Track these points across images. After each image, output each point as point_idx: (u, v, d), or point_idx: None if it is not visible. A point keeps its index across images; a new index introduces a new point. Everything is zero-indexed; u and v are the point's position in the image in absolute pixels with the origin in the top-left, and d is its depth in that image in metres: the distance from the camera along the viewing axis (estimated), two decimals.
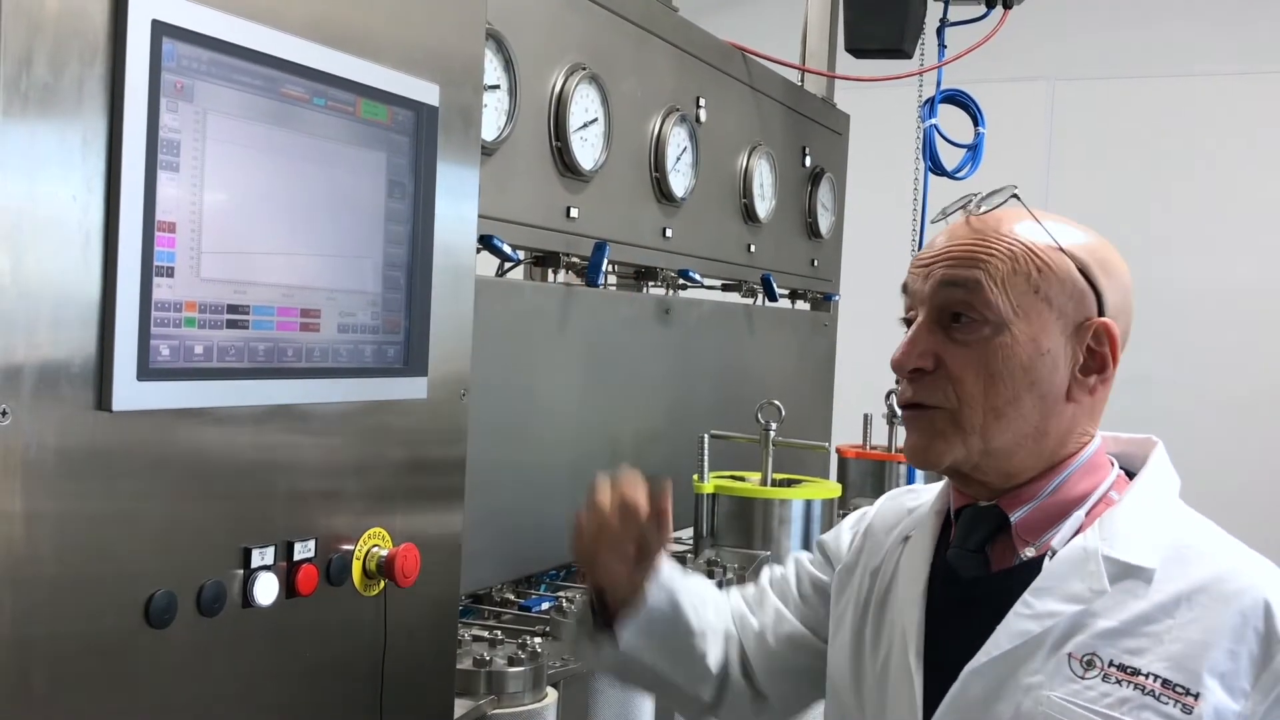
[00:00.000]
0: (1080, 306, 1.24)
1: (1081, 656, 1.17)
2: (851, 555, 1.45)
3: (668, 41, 2.51)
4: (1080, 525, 1.24)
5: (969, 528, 1.30)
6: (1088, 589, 1.19)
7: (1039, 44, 5.29)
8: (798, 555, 1.57)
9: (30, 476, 1.00)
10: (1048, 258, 1.24)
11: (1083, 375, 1.25)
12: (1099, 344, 1.24)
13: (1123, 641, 1.16)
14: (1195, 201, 5.33)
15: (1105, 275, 1.26)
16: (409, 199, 1.36)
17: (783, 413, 2.54)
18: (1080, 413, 1.26)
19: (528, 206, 2.08)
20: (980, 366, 1.23)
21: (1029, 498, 1.26)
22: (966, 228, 1.28)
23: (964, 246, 1.26)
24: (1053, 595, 1.20)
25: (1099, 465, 1.29)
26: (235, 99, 1.14)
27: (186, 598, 1.13)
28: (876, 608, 1.36)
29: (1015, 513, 1.26)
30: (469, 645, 1.73)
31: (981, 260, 1.24)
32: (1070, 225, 1.29)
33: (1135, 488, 1.27)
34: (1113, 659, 1.16)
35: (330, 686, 1.32)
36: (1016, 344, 1.22)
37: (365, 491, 1.33)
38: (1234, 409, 5.23)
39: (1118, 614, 1.18)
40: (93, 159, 1.02)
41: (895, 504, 1.47)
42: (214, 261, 1.13)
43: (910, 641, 1.27)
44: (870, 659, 1.34)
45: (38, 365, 0.99)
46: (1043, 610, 1.19)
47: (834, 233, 3.45)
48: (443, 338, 1.42)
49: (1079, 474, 1.27)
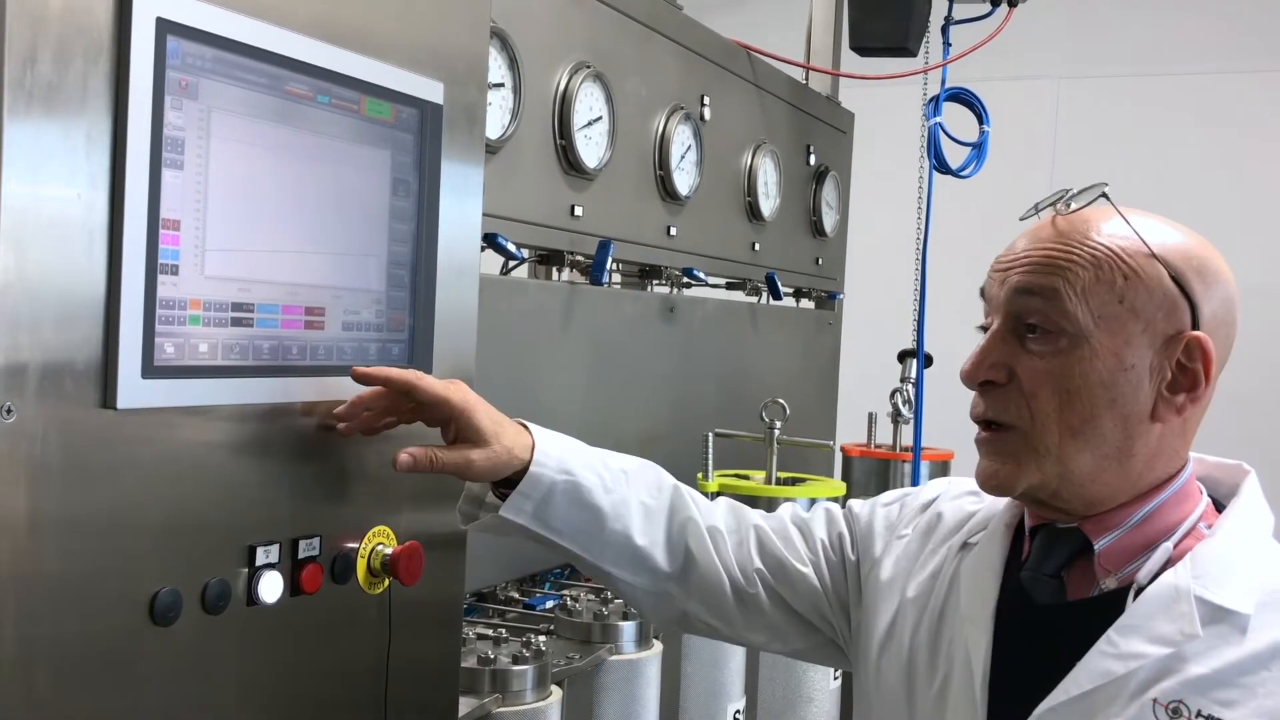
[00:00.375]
0: (1171, 318, 1.15)
1: (1168, 704, 1.09)
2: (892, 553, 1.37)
3: (672, 39, 2.51)
4: (1168, 559, 1.16)
5: (1046, 550, 1.21)
6: (1178, 631, 1.11)
7: (1044, 42, 5.27)
8: (829, 507, 1.49)
9: (35, 474, 0.99)
10: (1136, 264, 1.15)
11: (1170, 393, 1.15)
12: (1190, 359, 1.15)
13: (1214, 692, 1.09)
14: (1201, 200, 5.32)
15: (1202, 284, 1.16)
16: (413, 197, 1.36)
17: (787, 411, 2.54)
18: (1169, 434, 1.17)
19: (532, 205, 2.08)
20: (1056, 381, 1.14)
21: (1115, 525, 1.18)
22: (1050, 229, 1.19)
23: (1044, 251, 1.17)
24: (1140, 635, 1.12)
25: (1190, 494, 1.20)
26: (239, 97, 1.14)
27: (191, 596, 1.13)
28: (933, 620, 1.28)
29: (1100, 539, 1.18)
30: (473, 643, 1.74)
31: (1061, 266, 1.15)
32: (1168, 227, 1.19)
33: (1228, 522, 1.18)
34: (1201, 709, 1.09)
35: (335, 684, 1.32)
36: (1096, 358, 1.14)
37: (369, 490, 1.33)
38: (1237, 406, 5.22)
39: (1209, 661, 1.10)
40: (97, 156, 1.02)
41: (956, 505, 1.38)
42: (218, 259, 1.13)
43: (976, 668, 1.20)
44: (925, 678, 1.26)
45: (42, 363, 0.99)
46: (1128, 651, 1.11)
47: (838, 231, 3.45)
48: (447, 336, 1.42)
49: (1170, 503, 1.18)
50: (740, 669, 2.23)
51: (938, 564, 1.32)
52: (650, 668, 1.95)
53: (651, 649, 1.97)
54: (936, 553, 1.33)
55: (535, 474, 1.35)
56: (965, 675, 1.21)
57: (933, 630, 1.28)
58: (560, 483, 1.36)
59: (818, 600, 1.43)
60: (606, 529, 1.40)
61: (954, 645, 1.24)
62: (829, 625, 1.45)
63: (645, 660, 1.94)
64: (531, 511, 1.36)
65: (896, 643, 1.31)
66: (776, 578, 1.44)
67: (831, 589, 1.43)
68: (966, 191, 3.55)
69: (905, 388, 3.27)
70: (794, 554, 1.44)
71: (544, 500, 1.36)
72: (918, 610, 1.31)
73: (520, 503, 1.35)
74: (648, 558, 1.42)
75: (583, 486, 1.38)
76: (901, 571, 1.35)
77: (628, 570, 1.43)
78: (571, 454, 1.39)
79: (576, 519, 1.38)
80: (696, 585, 1.44)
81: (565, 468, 1.37)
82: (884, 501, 1.45)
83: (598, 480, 1.39)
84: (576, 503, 1.38)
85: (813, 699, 2.42)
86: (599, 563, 1.42)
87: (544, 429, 1.40)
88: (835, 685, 2.47)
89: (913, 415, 3.18)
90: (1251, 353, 6.15)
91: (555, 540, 1.39)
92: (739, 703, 2.23)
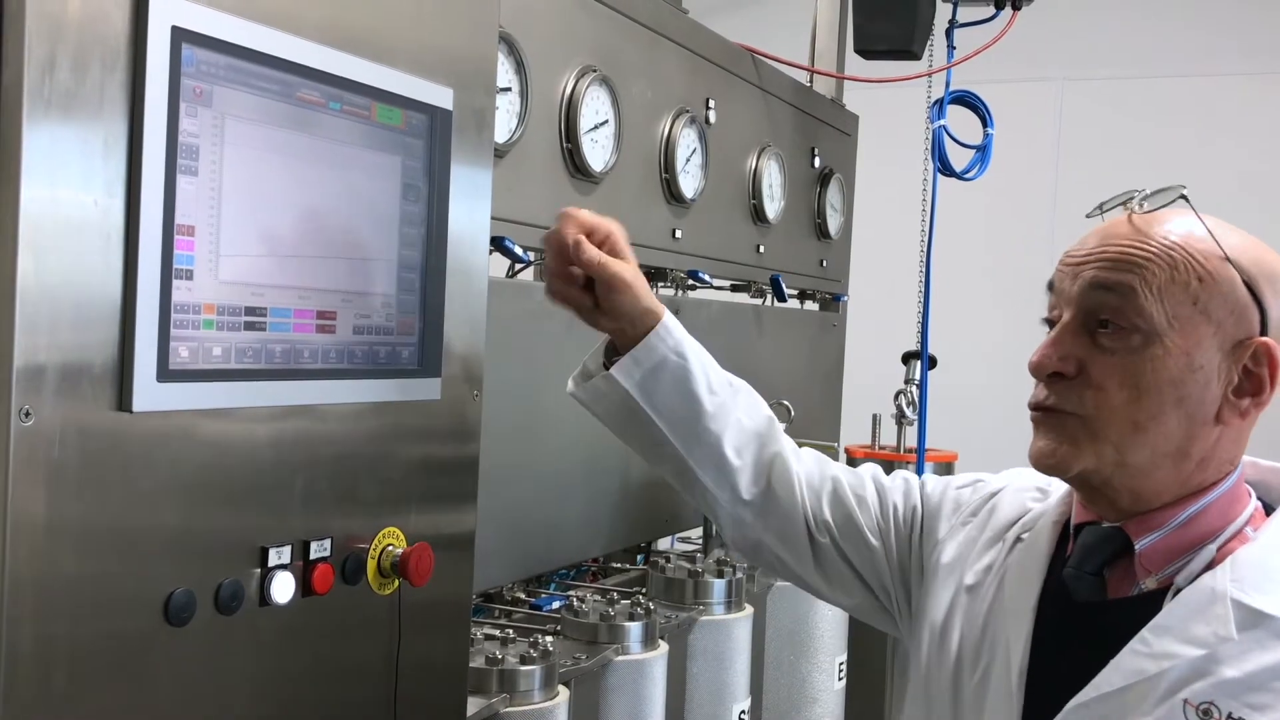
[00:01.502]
0: (1241, 323, 1.16)
1: (1199, 705, 1.10)
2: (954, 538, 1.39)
3: (677, 43, 2.52)
4: (1210, 561, 1.16)
5: (1089, 548, 1.22)
6: (1212, 633, 1.11)
7: (1048, 45, 5.28)
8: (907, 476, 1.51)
9: (52, 476, 1.01)
10: (1211, 267, 1.15)
11: (1235, 397, 1.16)
12: (1257, 364, 1.16)
13: (1246, 695, 1.09)
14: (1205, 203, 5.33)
15: (1273, 290, 1.17)
16: (423, 201, 1.37)
17: (792, 413, 2.55)
18: (1227, 437, 1.18)
19: (539, 208, 2.09)
20: (1126, 377, 1.15)
21: (1158, 525, 1.18)
22: (1126, 226, 1.19)
23: (1120, 248, 1.17)
24: (1173, 635, 1.12)
25: (1238, 496, 1.21)
26: (253, 104, 1.16)
27: (205, 596, 1.14)
28: (981, 613, 1.30)
29: (1141, 540, 1.19)
30: (481, 644, 1.75)
31: (1138, 265, 1.16)
32: (1239, 234, 1.21)
33: (1273, 526, 1.18)
34: (1232, 712, 1.09)
35: (345, 684, 1.33)
36: (1168, 356, 1.14)
37: (380, 491, 1.34)
38: None
39: (1242, 664, 1.10)
40: (114, 163, 1.04)
41: (1019, 499, 1.39)
42: (232, 264, 1.15)
43: (1014, 662, 1.21)
44: (970, 666, 1.28)
45: (59, 366, 1.01)
46: (1161, 651, 1.12)
47: (843, 233, 3.46)
48: (456, 339, 1.44)
49: (1217, 505, 1.19)
50: (745, 669, 2.24)
51: (993, 556, 1.33)
52: (656, 668, 1.96)
53: (658, 649, 1.98)
54: (994, 544, 1.35)
55: (651, 342, 1.40)
56: (1004, 668, 1.23)
57: (981, 621, 1.29)
58: (672, 361, 1.41)
59: (879, 566, 1.45)
60: (701, 425, 1.43)
61: (996, 638, 1.26)
62: (888, 595, 1.47)
63: (651, 661, 1.95)
64: (639, 379, 1.41)
65: (950, 630, 1.33)
66: (844, 533, 1.46)
67: (896, 559, 1.45)
68: (970, 194, 3.56)
69: (909, 389, 3.28)
70: (866, 516, 1.46)
71: (653, 372, 1.41)
72: (971, 600, 1.32)
73: (630, 367, 1.41)
74: (734, 473, 1.45)
75: (692, 374, 1.42)
76: (961, 558, 1.37)
77: (711, 477, 1.46)
78: (690, 344, 1.44)
79: (677, 404, 1.42)
80: (775, 519, 1.47)
81: (681, 351, 1.42)
82: (957, 484, 1.47)
83: (704, 378, 1.44)
84: (681, 387, 1.42)
85: (817, 699, 2.43)
86: (688, 456, 1.44)
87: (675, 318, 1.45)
88: (840, 686, 2.49)
89: (917, 417, 3.19)
90: None
91: (653, 418, 1.42)
92: (744, 703, 2.24)
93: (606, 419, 1.47)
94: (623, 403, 1.42)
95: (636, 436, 1.47)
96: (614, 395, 1.42)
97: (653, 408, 1.41)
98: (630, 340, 1.42)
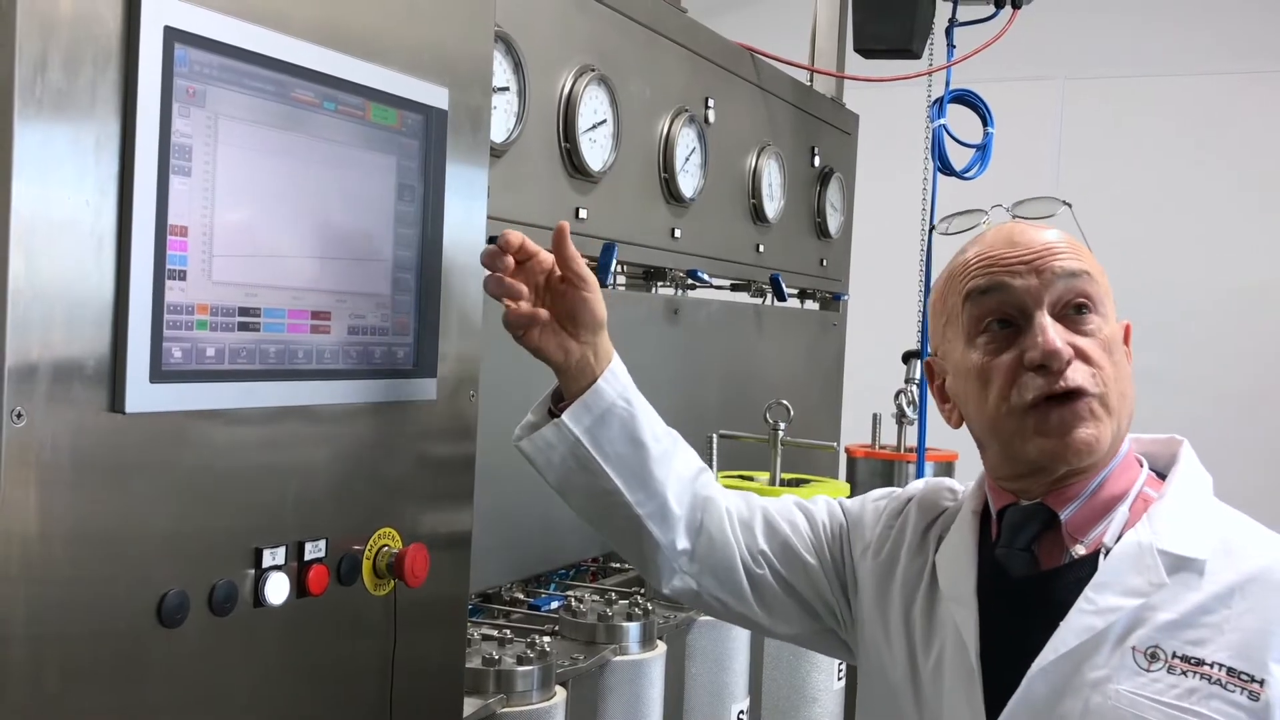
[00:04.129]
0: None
1: (1145, 650, 1.19)
2: (881, 543, 1.45)
3: (676, 42, 2.52)
4: (1126, 521, 1.26)
5: (1016, 527, 1.30)
6: (1146, 582, 1.21)
7: (1048, 43, 5.28)
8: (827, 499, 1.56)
9: (44, 477, 1.01)
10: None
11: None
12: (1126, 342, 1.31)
13: (1184, 633, 1.19)
14: (1205, 200, 5.32)
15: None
16: (418, 202, 1.37)
17: (791, 412, 2.54)
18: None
19: (537, 207, 2.09)
20: (1105, 352, 1.26)
21: (1074, 495, 1.28)
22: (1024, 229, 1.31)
23: (1048, 242, 1.28)
24: (1113, 590, 1.21)
25: (1131, 463, 1.31)
26: (246, 104, 1.15)
27: (198, 597, 1.14)
28: (925, 605, 1.36)
29: (1064, 510, 1.27)
30: (478, 644, 1.74)
31: (1081, 252, 1.28)
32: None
33: (1174, 483, 1.29)
34: (1176, 650, 1.18)
35: (340, 685, 1.33)
36: (1109, 326, 1.27)
37: (375, 492, 1.34)
38: (1240, 405, 5.22)
39: (1176, 607, 1.20)
40: (106, 163, 1.03)
41: (931, 501, 1.46)
42: (225, 265, 1.14)
43: (969, 642, 1.28)
44: (923, 659, 1.34)
45: (51, 368, 1.00)
46: (1104, 606, 1.21)
47: (843, 232, 3.46)
48: (452, 338, 1.43)
49: (1119, 470, 1.29)
50: (744, 669, 2.24)
51: (923, 554, 1.40)
52: (654, 668, 1.96)
53: (656, 649, 1.97)
54: (920, 543, 1.42)
55: (601, 388, 1.44)
56: (959, 650, 1.29)
57: (924, 614, 1.36)
58: (620, 407, 1.44)
59: (818, 583, 1.50)
60: (648, 471, 1.46)
61: (944, 625, 1.32)
62: (830, 611, 1.52)
63: (650, 661, 1.95)
64: (589, 424, 1.43)
65: (895, 630, 1.39)
66: (781, 559, 1.50)
67: (833, 572, 1.50)
68: (970, 193, 3.55)
69: (909, 389, 3.28)
70: (799, 538, 1.51)
71: (602, 418, 1.43)
72: (906, 597, 1.39)
73: (580, 413, 1.43)
74: (674, 520, 1.48)
75: (639, 421, 1.45)
76: (891, 559, 1.44)
77: (657, 525, 1.48)
78: (635, 390, 1.48)
79: (626, 450, 1.45)
80: (711, 561, 1.50)
81: (628, 397, 1.46)
82: (873, 498, 1.54)
83: (650, 424, 1.47)
84: (629, 433, 1.45)
85: (817, 699, 2.42)
86: (636, 506, 1.46)
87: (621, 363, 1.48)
88: (839, 685, 2.48)
89: (916, 416, 3.19)
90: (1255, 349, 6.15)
91: (602, 465, 1.44)
92: (743, 703, 2.24)
93: (552, 471, 1.47)
94: (571, 451, 1.44)
95: (583, 489, 1.48)
96: (563, 445, 1.44)
97: (602, 454, 1.44)
98: (573, 392, 1.45)
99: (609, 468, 1.44)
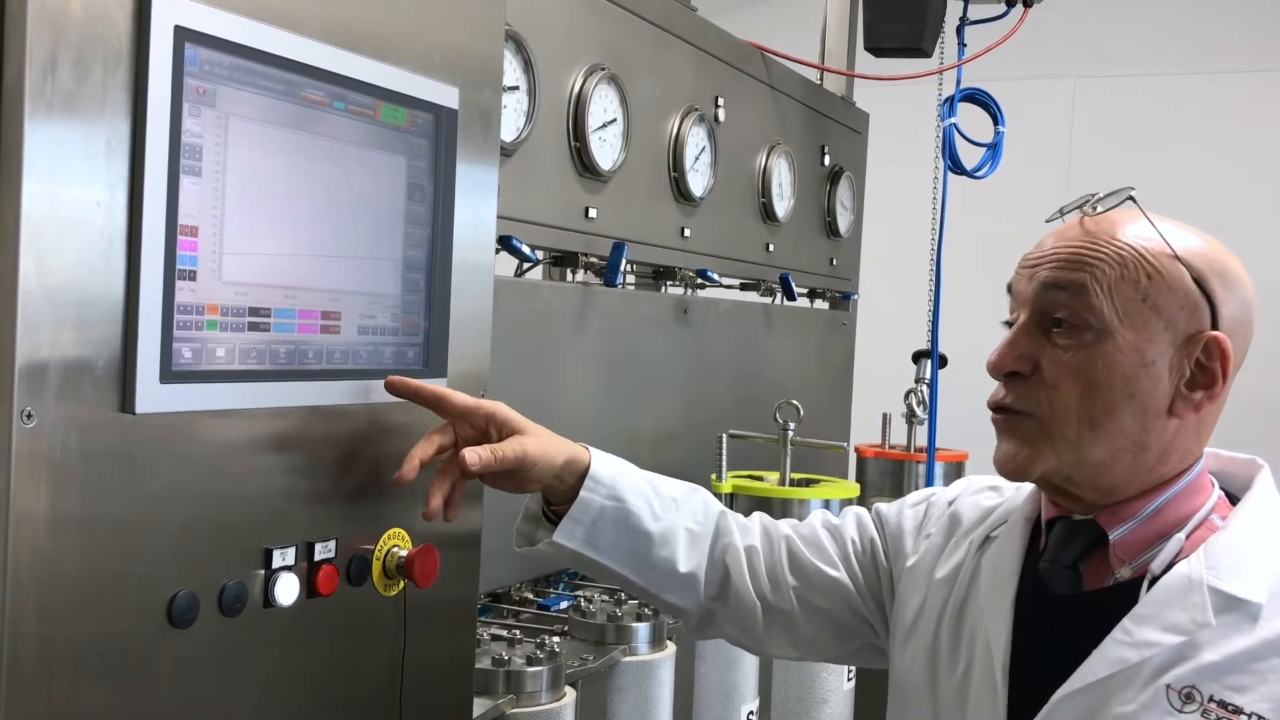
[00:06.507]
0: (1192, 318, 1.18)
1: (1181, 690, 1.13)
2: (918, 547, 1.42)
3: (686, 41, 2.51)
4: (1180, 549, 1.19)
5: (1063, 541, 1.25)
6: (1190, 620, 1.14)
7: (1059, 42, 5.26)
8: (858, 511, 1.54)
9: (54, 478, 1.00)
10: (1159, 264, 1.18)
11: (1188, 390, 1.19)
12: (1209, 358, 1.18)
13: (1226, 678, 1.12)
14: (1217, 199, 5.30)
15: (1223, 286, 1.20)
16: (428, 201, 1.36)
17: (801, 412, 2.54)
18: (1185, 430, 1.20)
19: (547, 207, 2.08)
20: (1079, 374, 1.18)
21: (1128, 516, 1.21)
22: (1078, 229, 1.23)
23: (1072, 249, 1.21)
24: (1153, 624, 1.15)
25: (1202, 487, 1.24)
26: (257, 103, 1.15)
27: (208, 598, 1.14)
28: (955, 611, 1.32)
29: (1114, 530, 1.21)
30: (487, 644, 1.74)
31: (1088, 264, 1.19)
32: (1189, 231, 1.23)
33: (1241, 514, 1.21)
34: (1213, 695, 1.12)
35: (350, 686, 1.32)
36: (1119, 353, 1.17)
37: (385, 492, 1.34)
38: (1251, 409, 5.19)
39: (1221, 648, 1.13)
40: (116, 163, 1.03)
41: (974, 501, 1.42)
42: (235, 265, 1.14)
43: (996, 657, 1.23)
44: (948, 667, 1.30)
45: (62, 368, 1.00)
46: (1142, 639, 1.15)
47: (853, 232, 3.45)
48: (462, 338, 1.43)
49: (1182, 495, 1.22)
50: (754, 670, 2.23)
51: (960, 558, 1.36)
52: (664, 669, 1.95)
53: (665, 650, 1.97)
54: (959, 547, 1.37)
55: (585, 499, 1.40)
56: (986, 664, 1.25)
57: (955, 621, 1.32)
58: (610, 508, 1.41)
59: (850, 599, 1.47)
60: (653, 554, 1.45)
61: (975, 636, 1.28)
62: (865, 625, 1.49)
63: (659, 661, 1.94)
64: (582, 536, 1.42)
65: (921, 631, 1.35)
66: (809, 587, 1.48)
67: (865, 586, 1.47)
68: (981, 192, 3.54)
69: (920, 388, 3.27)
70: (824, 559, 1.49)
71: (594, 525, 1.41)
72: (941, 601, 1.35)
73: (571, 528, 1.41)
74: (692, 581, 1.48)
75: (632, 513, 1.42)
76: (928, 564, 1.39)
77: (674, 594, 1.48)
78: (624, 478, 1.44)
79: (624, 544, 1.43)
80: (740, 612, 1.49)
81: (615, 494, 1.42)
82: (910, 503, 1.49)
83: (646, 507, 1.44)
84: (625, 528, 1.43)
85: (826, 700, 2.42)
86: (646, 586, 1.47)
87: (601, 452, 1.44)
88: (849, 686, 2.48)
89: (927, 416, 3.18)
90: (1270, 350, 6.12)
91: (604, 563, 1.44)
92: (753, 704, 2.23)
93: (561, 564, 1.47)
94: (572, 557, 1.45)
95: (595, 573, 1.50)
96: (562, 555, 1.45)
97: (602, 555, 1.43)
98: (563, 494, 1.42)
99: (613, 564, 1.44)
